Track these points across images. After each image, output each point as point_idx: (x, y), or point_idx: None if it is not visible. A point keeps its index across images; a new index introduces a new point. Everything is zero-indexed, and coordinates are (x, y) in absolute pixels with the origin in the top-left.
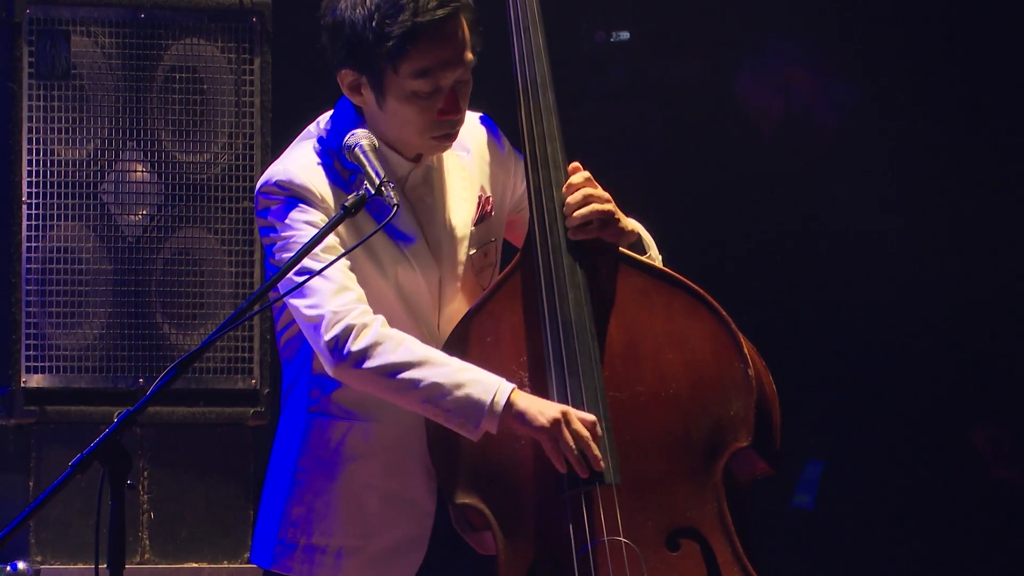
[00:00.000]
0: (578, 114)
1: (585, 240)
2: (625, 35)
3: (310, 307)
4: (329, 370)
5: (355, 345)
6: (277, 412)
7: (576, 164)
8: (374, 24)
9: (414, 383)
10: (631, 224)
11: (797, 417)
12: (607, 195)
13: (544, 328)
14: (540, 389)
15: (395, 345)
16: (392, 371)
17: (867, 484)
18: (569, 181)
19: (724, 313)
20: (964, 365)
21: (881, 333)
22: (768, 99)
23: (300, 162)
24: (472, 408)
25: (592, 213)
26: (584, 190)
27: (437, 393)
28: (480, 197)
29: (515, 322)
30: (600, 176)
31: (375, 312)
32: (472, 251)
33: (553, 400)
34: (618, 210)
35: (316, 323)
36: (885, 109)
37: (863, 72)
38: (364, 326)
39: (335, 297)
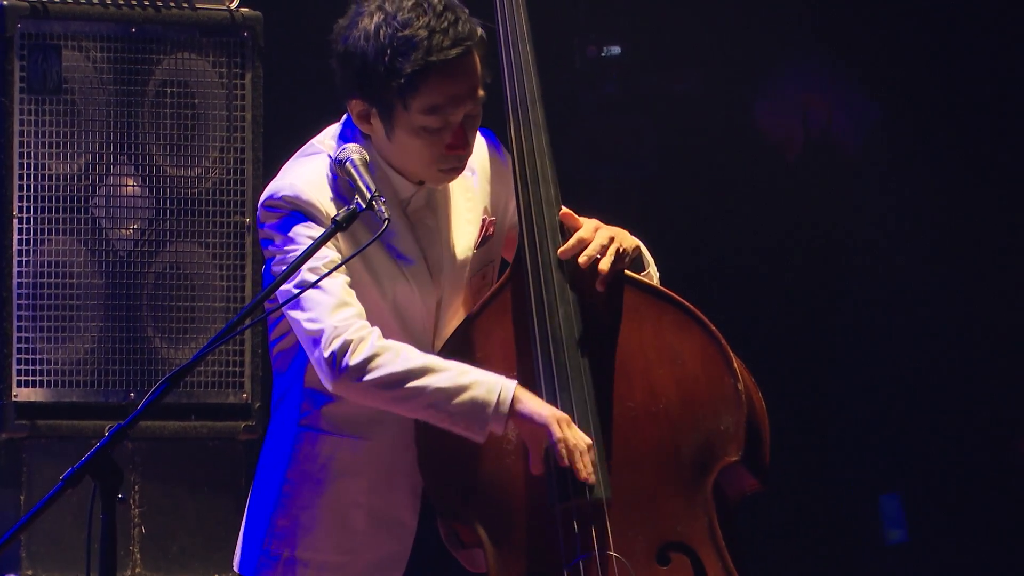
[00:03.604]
0: (570, 129)
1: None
2: (616, 50)
3: (310, 320)
4: (328, 385)
5: (353, 359)
6: (268, 424)
7: (567, 211)
8: (386, 60)
9: (416, 391)
10: (630, 241)
11: (831, 434)
12: (611, 235)
13: (534, 343)
14: None
15: (393, 356)
16: (393, 382)
17: (911, 500)
18: (580, 235)
19: (714, 329)
20: (1000, 375)
21: (912, 350)
22: (784, 124)
23: (306, 177)
24: (477, 410)
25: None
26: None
27: (441, 399)
28: (484, 220)
29: (505, 337)
30: (593, 191)
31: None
32: (473, 275)
33: None
34: (623, 238)
35: (315, 337)
36: (886, 118)
37: (862, 81)
38: (361, 339)
39: (335, 312)
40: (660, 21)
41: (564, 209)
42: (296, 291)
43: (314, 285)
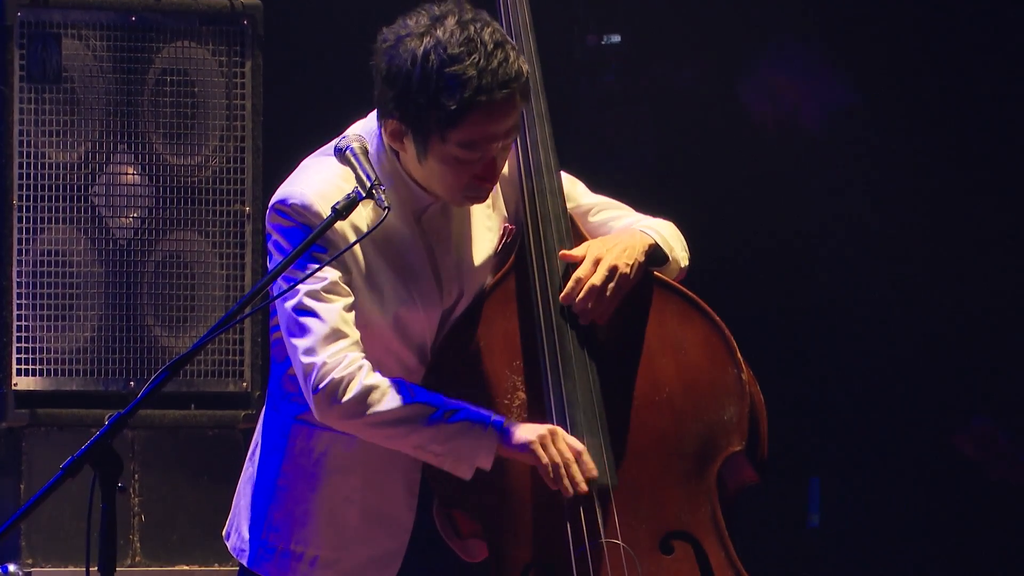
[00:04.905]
0: (569, 118)
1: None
2: (616, 38)
3: (303, 352)
4: (316, 415)
5: (343, 398)
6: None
7: (565, 252)
8: (430, 91)
9: (402, 434)
10: (639, 249)
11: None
12: (612, 265)
13: (538, 332)
14: (534, 393)
15: (380, 396)
16: (379, 423)
17: (861, 493)
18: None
19: (717, 318)
20: (945, 367)
21: (860, 338)
22: (767, 105)
23: (318, 187)
24: (464, 451)
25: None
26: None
27: (426, 440)
28: (505, 228)
29: (508, 327)
30: (592, 182)
31: (369, 339)
32: (489, 279)
33: (549, 403)
34: (629, 255)
35: (306, 372)
36: (876, 110)
37: (857, 75)
38: (351, 378)
39: (326, 345)
40: (661, 10)
41: (563, 251)
42: (295, 315)
43: (302, 282)
